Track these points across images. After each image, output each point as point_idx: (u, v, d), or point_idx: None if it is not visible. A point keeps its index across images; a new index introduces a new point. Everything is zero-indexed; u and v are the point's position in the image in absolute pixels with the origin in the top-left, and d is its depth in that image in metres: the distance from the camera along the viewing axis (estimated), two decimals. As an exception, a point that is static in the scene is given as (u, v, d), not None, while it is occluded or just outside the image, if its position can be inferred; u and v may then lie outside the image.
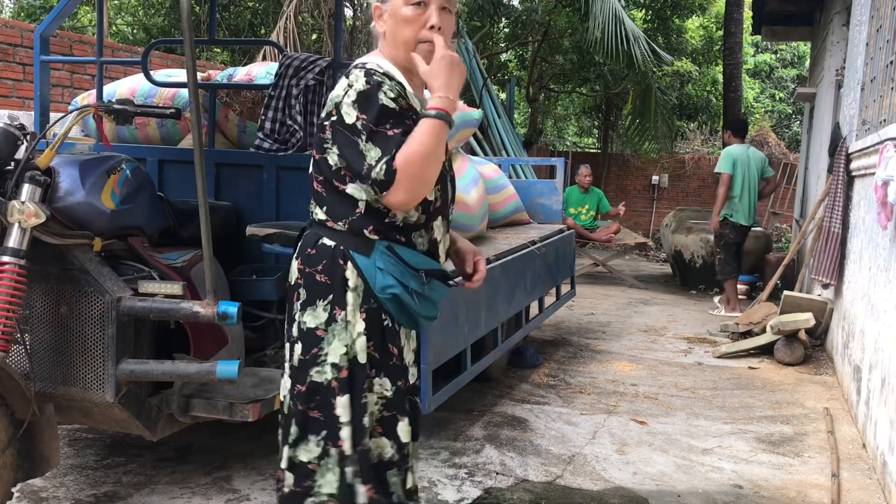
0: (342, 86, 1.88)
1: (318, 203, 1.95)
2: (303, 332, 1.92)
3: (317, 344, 1.90)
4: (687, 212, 9.83)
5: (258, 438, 3.62)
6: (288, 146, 3.40)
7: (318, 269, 1.91)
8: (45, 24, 3.56)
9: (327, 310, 1.90)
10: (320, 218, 1.94)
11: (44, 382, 2.60)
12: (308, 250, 1.94)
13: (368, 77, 1.85)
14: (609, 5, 9.77)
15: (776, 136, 15.81)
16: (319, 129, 1.92)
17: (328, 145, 1.89)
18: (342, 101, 1.85)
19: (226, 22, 12.69)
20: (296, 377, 1.94)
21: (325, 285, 1.90)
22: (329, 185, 1.92)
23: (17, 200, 2.42)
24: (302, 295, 1.93)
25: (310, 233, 1.97)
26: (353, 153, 1.82)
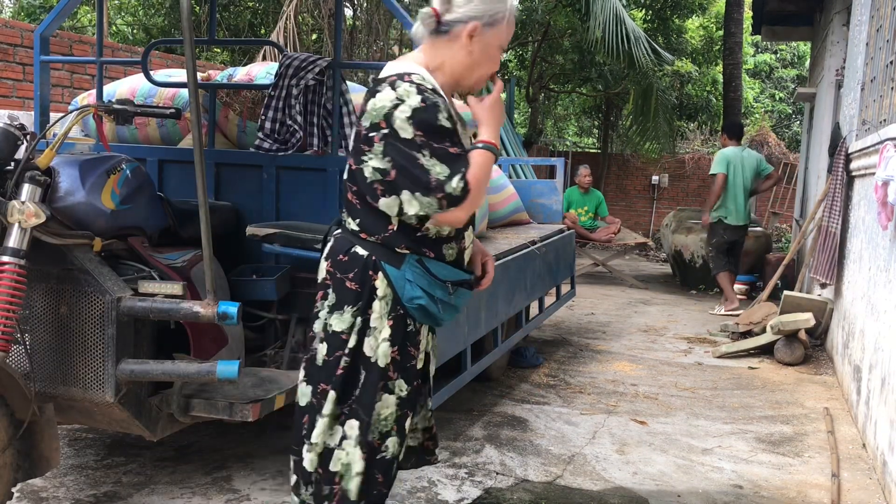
0: (389, 98, 1.90)
1: (351, 215, 2.02)
2: (328, 334, 2.01)
3: (341, 348, 1.99)
4: (687, 212, 9.82)
5: (258, 438, 3.62)
6: (288, 146, 3.40)
7: (350, 276, 1.99)
8: (45, 24, 3.56)
9: (353, 316, 1.99)
10: (353, 228, 2.01)
11: (44, 382, 2.60)
12: (340, 256, 2.02)
13: (422, 94, 1.90)
14: (610, 5, 9.77)
15: (776, 136, 15.81)
16: (363, 139, 1.94)
17: (369, 157, 1.92)
18: (394, 115, 1.89)
19: (226, 22, 12.69)
20: (318, 376, 2.02)
21: (354, 292, 1.99)
22: (362, 199, 1.98)
23: (17, 200, 2.42)
24: (330, 297, 2.02)
25: (342, 238, 2.04)
26: (414, 166, 1.88)
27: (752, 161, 7.54)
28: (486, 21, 1.97)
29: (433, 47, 2.01)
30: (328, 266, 2.04)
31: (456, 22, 1.97)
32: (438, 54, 2.00)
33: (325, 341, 2.02)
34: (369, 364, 2.00)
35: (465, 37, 1.97)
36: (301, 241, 3.14)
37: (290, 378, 3.12)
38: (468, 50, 1.98)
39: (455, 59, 2.00)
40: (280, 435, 3.69)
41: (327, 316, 2.02)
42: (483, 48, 1.99)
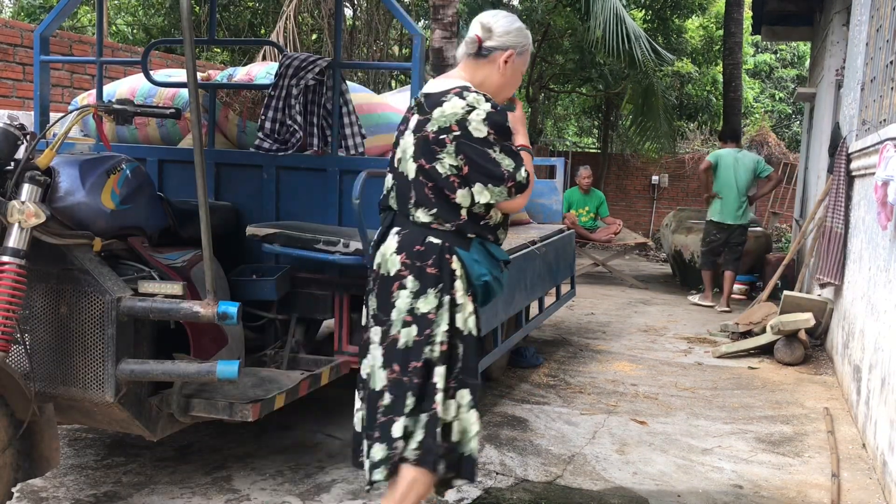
0: (460, 105, 2.23)
1: (427, 206, 2.28)
2: (416, 317, 2.25)
3: (429, 326, 2.25)
4: (687, 212, 9.83)
5: (258, 438, 3.62)
6: (288, 146, 3.40)
7: (428, 262, 2.26)
8: (45, 24, 3.56)
9: (437, 297, 2.25)
10: (424, 220, 2.29)
11: (44, 382, 2.60)
12: (416, 247, 2.27)
13: (490, 101, 2.27)
14: (610, 4, 9.77)
15: (776, 136, 15.81)
16: (432, 142, 2.24)
17: (442, 155, 2.24)
18: (468, 119, 2.22)
19: (226, 22, 12.69)
20: (408, 356, 2.24)
21: (435, 276, 2.26)
22: (439, 193, 2.27)
23: (17, 200, 2.42)
24: (411, 285, 2.26)
25: (411, 232, 2.30)
26: (487, 160, 2.23)
27: (748, 162, 7.64)
28: (519, 50, 2.39)
29: (474, 67, 2.38)
30: (403, 258, 2.27)
31: (495, 48, 2.36)
32: (478, 74, 2.38)
33: (415, 323, 2.24)
34: (464, 336, 2.29)
35: (501, 61, 2.37)
36: (301, 241, 3.14)
37: (290, 378, 3.12)
38: (502, 72, 2.38)
39: (491, 79, 2.38)
40: (280, 435, 3.69)
41: (412, 302, 2.25)
42: (513, 72, 2.40)
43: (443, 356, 2.25)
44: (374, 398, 2.28)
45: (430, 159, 2.25)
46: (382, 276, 2.32)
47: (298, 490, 3.11)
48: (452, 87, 2.30)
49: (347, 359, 3.43)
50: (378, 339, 2.31)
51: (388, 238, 2.34)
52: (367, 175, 3.02)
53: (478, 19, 2.40)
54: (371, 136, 3.63)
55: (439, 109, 2.25)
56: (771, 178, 7.75)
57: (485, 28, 2.36)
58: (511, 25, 2.39)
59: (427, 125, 2.26)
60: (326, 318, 3.54)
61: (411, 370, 2.23)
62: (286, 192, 3.52)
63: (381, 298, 2.32)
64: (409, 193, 2.30)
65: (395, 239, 2.31)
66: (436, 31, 7.76)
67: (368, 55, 11.38)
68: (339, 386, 3.93)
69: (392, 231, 2.34)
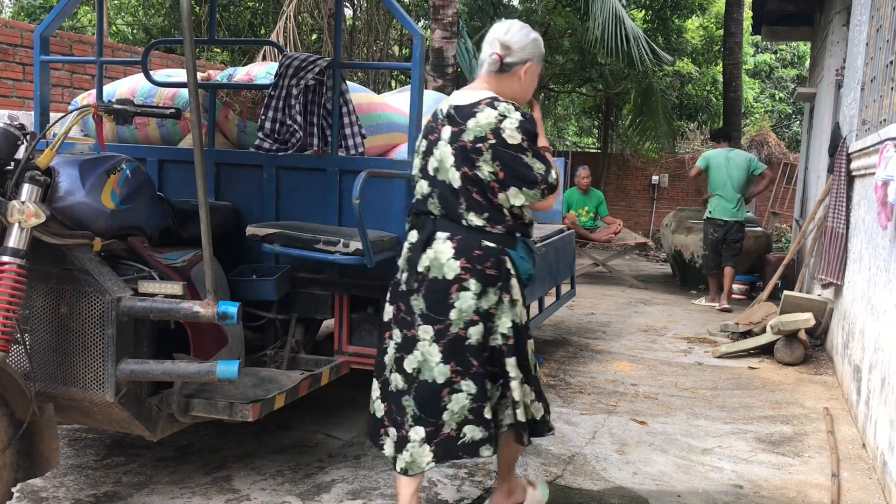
0: (492, 115, 2.44)
1: (478, 211, 2.48)
2: (482, 315, 2.48)
3: (493, 322, 2.50)
4: (687, 212, 9.83)
5: (258, 438, 3.63)
6: (288, 146, 3.40)
7: (487, 264, 2.47)
8: (45, 24, 3.56)
9: (497, 294, 2.49)
10: (478, 224, 2.48)
11: (44, 382, 2.60)
12: (474, 252, 2.47)
13: (519, 110, 2.48)
14: (609, 5, 9.78)
15: (776, 136, 15.81)
16: (470, 150, 2.44)
17: (480, 162, 2.44)
18: (502, 127, 2.42)
19: (226, 22, 12.70)
20: (482, 350, 2.48)
21: (494, 276, 2.48)
22: (486, 196, 2.47)
23: (17, 200, 2.42)
24: (473, 287, 2.46)
25: (466, 237, 2.49)
26: (520, 165, 2.44)
27: (740, 161, 7.77)
28: (536, 61, 2.60)
29: (496, 81, 2.57)
30: (462, 263, 2.46)
31: (515, 63, 2.56)
32: (501, 87, 2.57)
33: (481, 322, 2.47)
34: (520, 328, 2.57)
35: (522, 73, 2.58)
36: (301, 241, 3.14)
37: (290, 378, 3.12)
38: (522, 82, 2.60)
39: (512, 90, 2.59)
40: (280, 435, 3.69)
41: (476, 303, 2.46)
42: (530, 80, 2.62)
43: (510, 349, 2.52)
44: (434, 389, 2.48)
45: (472, 167, 2.45)
46: (434, 278, 2.49)
47: (298, 490, 3.11)
48: (482, 98, 2.50)
49: (347, 359, 3.43)
50: (430, 336, 2.49)
51: (437, 243, 2.51)
52: (367, 175, 3.02)
53: (494, 37, 2.56)
54: (371, 136, 3.63)
55: (473, 120, 2.45)
56: (764, 175, 7.87)
57: (504, 46, 2.55)
58: (527, 39, 2.58)
59: (463, 135, 2.46)
60: (326, 318, 3.54)
61: (485, 362, 2.50)
62: (286, 192, 3.52)
63: (433, 300, 2.49)
64: (459, 200, 2.49)
65: (450, 245, 2.49)
66: (436, 31, 7.76)
67: (368, 55, 11.39)
68: (339, 386, 3.93)
69: (440, 236, 2.51)
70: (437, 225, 2.53)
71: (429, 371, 2.49)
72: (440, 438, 2.49)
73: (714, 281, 7.90)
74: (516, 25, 2.59)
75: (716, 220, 7.74)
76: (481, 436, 2.51)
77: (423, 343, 2.50)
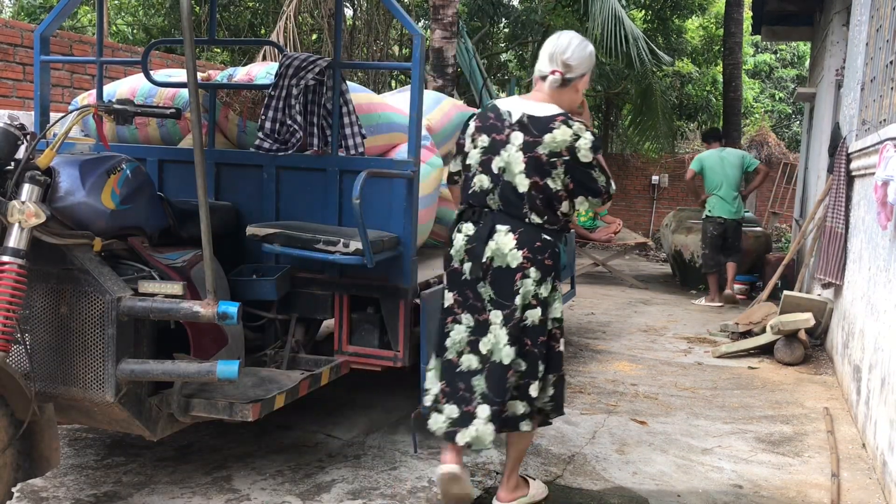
0: (568, 133, 2.74)
1: (538, 213, 2.78)
2: (540, 300, 2.78)
3: (549, 307, 2.81)
4: (687, 212, 9.83)
5: (258, 438, 3.63)
6: (288, 146, 3.40)
7: (545, 255, 2.78)
8: (45, 24, 3.56)
9: (551, 282, 2.81)
10: (538, 222, 2.79)
11: (44, 382, 2.60)
12: (536, 244, 2.77)
13: (589, 131, 2.80)
14: (609, 5, 9.78)
15: (776, 136, 15.81)
16: (545, 163, 2.74)
17: (554, 175, 2.75)
18: (577, 146, 2.75)
19: (226, 22, 12.70)
20: (535, 332, 2.78)
21: (550, 266, 2.80)
22: (548, 203, 2.78)
23: (18, 200, 2.42)
24: (533, 274, 2.75)
25: (527, 231, 2.77)
26: (589, 179, 2.80)
27: (733, 159, 7.91)
28: (589, 72, 2.92)
29: (558, 94, 2.86)
30: (525, 253, 2.75)
31: (574, 78, 2.87)
32: (563, 99, 2.87)
33: (539, 306, 2.77)
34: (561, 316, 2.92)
35: (579, 85, 2.90)
36: (301, 241, 3.14)
37: (290, 378, 3.12)
38: (578, 92, 2.92)
39: (571, 99, 2.91)
40: (280, 435, 3.69)
41: (535, 289, 2.76)
42: (584, 88, 2.94)
43: (561, 331, 2.89)
44: (502, 369, 2.73)
45: (543, 177, 2.75)
46: (499, 267, 2.76)
47: (298, 490, 3.11)
48: (555, 114, 2.79)
49: (347, 359, 3.43)
50: (500, 321, 2.75)
51: (498, 235, 2.77)
52: (367, 175, 3.02)
53: (555, 55, 2.83)
54: (371, 136, 3.63)
55: (550, 136, 2.74)
56: (759, 170, 7.99)
57: (565, 65, 2.83)
58: (584, 54, 2.86)
59: (538, 147, 2.74)
60: (326, 318, 3.54)
61: (540, 343, 2.78)
62: (286, 192, 3.52)
63: (500, 287, 2.76)
64: (522, 202, 2.77)
65: (512, 237, 2.76)
66: (436, 31, 7.77)
67: (368, 55, 11.39)
68: (339, 386, 3.94)
69: (501, 229, 2.77)
70: (497, 219, 2.78)
71: (498, 353, 2.74)
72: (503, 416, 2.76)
73: (714, 280, 7.91)
74: (575, 41, 2.85)
75: (715, 218, 7.80)
76: (522, 410, 2.80)
77: (495, 327, 2.76)
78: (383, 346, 3.41)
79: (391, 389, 4.41)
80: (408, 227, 3.31)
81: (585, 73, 2.89)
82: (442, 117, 4.53)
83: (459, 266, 2.84)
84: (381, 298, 3.35)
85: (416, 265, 3.38)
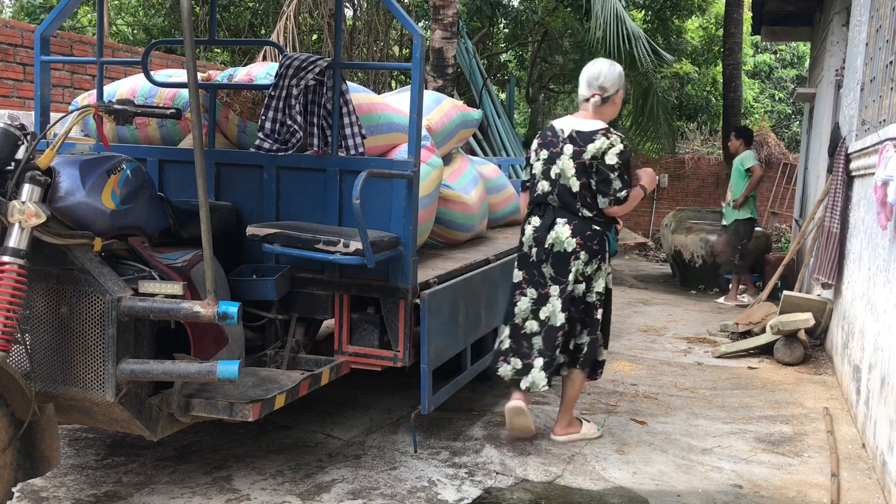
0: (604, 143, 3.50)
1: (588, 208, 3.57)
2: (586, 277, 3.59)
3: (591, 282, 3.60)
4: (687, 212, 9.83)
5: (258, 438, 3.63)
6: (288, 146, 3.40)
7: (594, 242, 3.58)
8: (45, 24, 3.56)
9: (597, 264, 3.60)
10: (589, 215, 3.57)
11: (44, 382, 2.60)
12: (587, 232, 3.56)
13: (623, 142, 3.55)
14: (610, 4, 9.78)
15: (776, 136, 15.80)
16: (587, 165, 3.52)
17: (592, 174, 3.53)
18: (607, 152, 3.50)
19: (226, 22, 12.70)
20: (580, 302, 3.61)
21: (597, 250, 3.59)
22: (594, 198, 3.55)
23: (18, 200, 2.42)
24: (583, 257, 3.55)
25: (580, 222, 3.57)
26: (606, 180, 3.51)
27: (735, 162, 8.08)
28: (623, 86, 3.67)
29: (600, 111, 3.64)
30: (578, 241, 3.55)
31: (610, 95, 3.64)
32: (604, 113, 3.65)
33: (584, 282, 3.59)
34: (609, 290, 3.71)
35: (616, 99, 3.67)
36: (301, 241, 3.14)
37: (290, 378, 3.12)
38: (615, 105, 3.68)
39: (610, 112, 3.68)
40: (280, 435, 3.69)
41: (583, 268, 3.57)
42: (620, 100, 3.69)
43: (600, 302, 3.63)
44: (555, 330, 3.56)
45: (587, 178, 3.53)
46: (558, 251, 3.58)
47: (298, 490, 3.11)
48: (598, 128, 3.55)
49: (347, 359, 3.43)
50: (557, 293, 3.57)
51: (557, 226, 3.58)
52: (368, 175, 3.02)
53: (592, 82, 3.62)
54: (371, 136, 3.63)
55: (592, 145, 3.51)
56: (754, 171, 7.91)
57: (601, 87, 3.61)
58: (615, 75, 3.63)
59: (583, 155, 3.52)
60: (326, 318, 3.54)
61: (581, 310, 3.62)
62: (286, 192, 3.52)
63: (558, 267, 3.58)
64: (576, 199, 3.56)
65: (567, 227, 3.56)
66: (436, 31, 7.77)
67: (368, 55, 11.39)
68: (339, 386, 3.94)
69: (560, 222, 3.58)
70: (557, 214, 3.60)
71: (553, 318, 3.57)
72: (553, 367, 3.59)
73: (737, 280, 8.02)
74: (605, 67, 3.62)
75: (754, 219, 7.96)
76: (563, 360, 3.68)
77: (553, 298, 3.57)
78: (383, 346, 3.41)
79: (391, 389, 4.41)
80: (408, 227, 3.31)
81: (619, 89, 3.63)
82: (442, 117, 4.54)
83: (528, 251, 3.66)
84: (381, 298, 3.35)
85: (416, 265, 3.38)
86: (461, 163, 4.87)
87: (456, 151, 5.00)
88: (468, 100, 9.51)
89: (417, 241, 3.62)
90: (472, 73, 9.60)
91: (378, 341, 3.41)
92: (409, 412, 3.83)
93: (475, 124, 4.98)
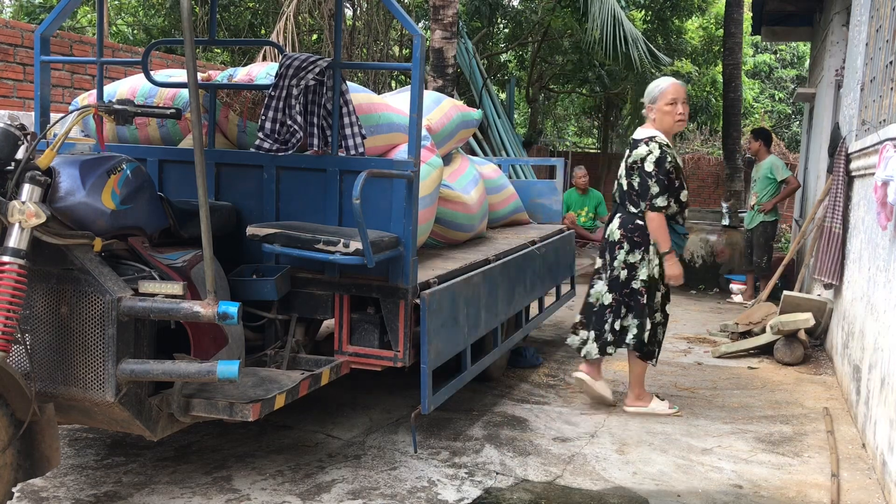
0: (645, 150, 4.07)
1: (634, 205, 4.13)
2: (628, 265, 4.13)
3: (635, 269, 4.12)
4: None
5: (258, 438, 3.63)
6: (288, 146, 3.40)
7: (636, 235, 4.11)
8: (45, 24, 3.56)
9: (640, 254, 4.11)
10: (634, 211, 4.12)
11: (44, 382, 2.60)
12: (629, 225, 4.12)
13: (661, 150, 4.05)
14: (608, 6, 9.78)
15: (776, 136, 15.80)
16: (631, 168, 4.12)
17: (634, 176, 4.10)
18: (646, 159, 4.06)
19: (226, 22, 12.70)
20: (622, 286, 4.14)
21: (639, 242, 4.10)
22: (638, 197, 4.09)
23: (18, 200, 2.42)
24: (626, 247, 4.11)
25: (625, 217, 4.16)
26: (645, 186, 4.05)
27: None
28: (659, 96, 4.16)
29: (651, 121, 4.19)
30: (622, 232, 4.13)
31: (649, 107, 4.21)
32: (656, 120, 4.17)
33: (626, 269, 4.12)
34: (653, 279, 4.13)
35: (659, 105, 4.15)
36: (301, 241, 3.14)
37: (290, 378, 3.12)
38: (662, 111, 4.16)
39: (658, 122, 4.18)
40: (280, 435, 3.69)
41: (626, 257, 4.11)
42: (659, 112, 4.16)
43: (645, 289, 4.11)
44: (603, 310, 4.19)
45: (631, 179, 4.12)
46: (610, 241, 4.18)
47: (298, 490, 3.11)
48: (645, 136, 4.13)
49: (347, 359, 3.43)
50: (606, 277, 4.18)
51: (615, 219, 4.21)
52: (368, 175, 3.02)
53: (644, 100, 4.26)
54: (371, 136, 3.63)
55: (636, 151, 4.11)
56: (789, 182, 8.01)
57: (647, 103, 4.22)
58: (650, 88, 4.22)
59: (629, 159, 4.14)
60: (326, 318, 3.54)
61: (624, 294, 4.15)
62: (286, 192, 3.52)
63: (609, 254, 4.17)
64: (625, 197, 4.17)
65: (617, 220, 4.18)
66: (436, 31, 7.77)
67: (368, 55, 11.38)
68: (339, 386, 3.94)
69: (617, 215, 4.21)
70: (616, 209, 4.25)
71: (604, 298, 4.19)
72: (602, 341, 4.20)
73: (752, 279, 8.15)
74: (650, 87, 4.23)
75: (778, 221, 8.09)
76: (609, 339, 4.20)
77: (602, 282, 4.19)
78: (383, 346, 3.41)
79: (391, 389, 4.41)
80: (408, 228, 3.31)
81: (656, 98, 4.14)
82: (442, 117, 4.54)
83: (605, 241, 4.26)
84: (381, 298, 3.35)
85: (416, 265, 3.38)
86: (461, 163, 4.87)
87: (456, 151, 5.00)
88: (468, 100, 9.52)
89: (418, 241, 3.62)
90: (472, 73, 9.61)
91: (378, 341, 3.41)
92: (409, 412, 3.83)
93: (475, 124, 4.98)
